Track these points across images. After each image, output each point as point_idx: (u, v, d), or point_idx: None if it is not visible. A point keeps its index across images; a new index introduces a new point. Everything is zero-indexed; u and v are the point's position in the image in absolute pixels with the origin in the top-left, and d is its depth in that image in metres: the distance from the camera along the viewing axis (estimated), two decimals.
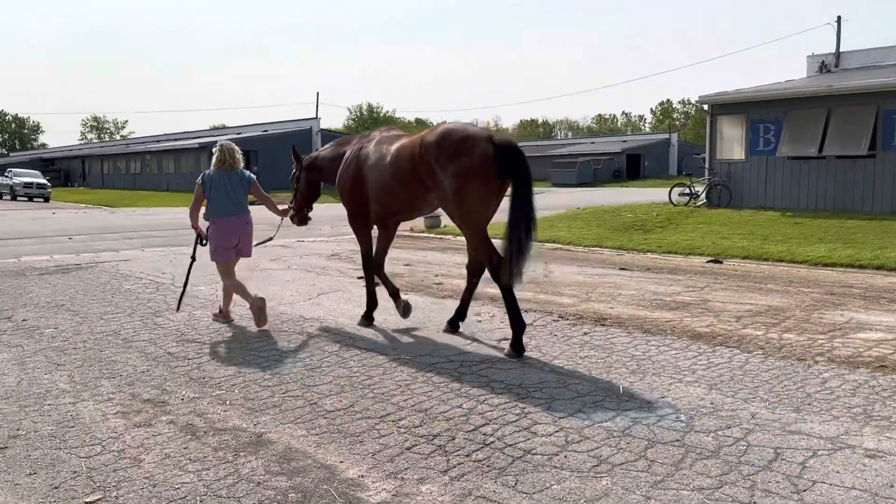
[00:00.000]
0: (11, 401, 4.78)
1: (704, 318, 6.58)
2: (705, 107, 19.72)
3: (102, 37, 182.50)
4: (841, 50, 23.73)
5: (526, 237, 5.50)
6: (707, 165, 19.57)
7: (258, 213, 7.59)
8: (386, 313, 7.11)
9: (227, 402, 4.65)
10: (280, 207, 7.38)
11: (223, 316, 7.06)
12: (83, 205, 36.40)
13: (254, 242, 7.11)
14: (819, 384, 4.68)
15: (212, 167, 6.96)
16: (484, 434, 3.93)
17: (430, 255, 12.16)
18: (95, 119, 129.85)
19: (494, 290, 8.38)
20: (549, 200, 32.97)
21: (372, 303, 6.82)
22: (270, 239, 7.71)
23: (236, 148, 7.07)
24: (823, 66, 22.40)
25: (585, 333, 6.09)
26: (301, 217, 7.66)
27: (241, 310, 7.26)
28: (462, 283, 8.75)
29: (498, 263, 5.69)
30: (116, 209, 30.52)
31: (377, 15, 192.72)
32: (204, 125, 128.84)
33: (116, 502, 3.31)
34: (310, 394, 4.76)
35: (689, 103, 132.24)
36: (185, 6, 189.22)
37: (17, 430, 4.25)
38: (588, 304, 7.38)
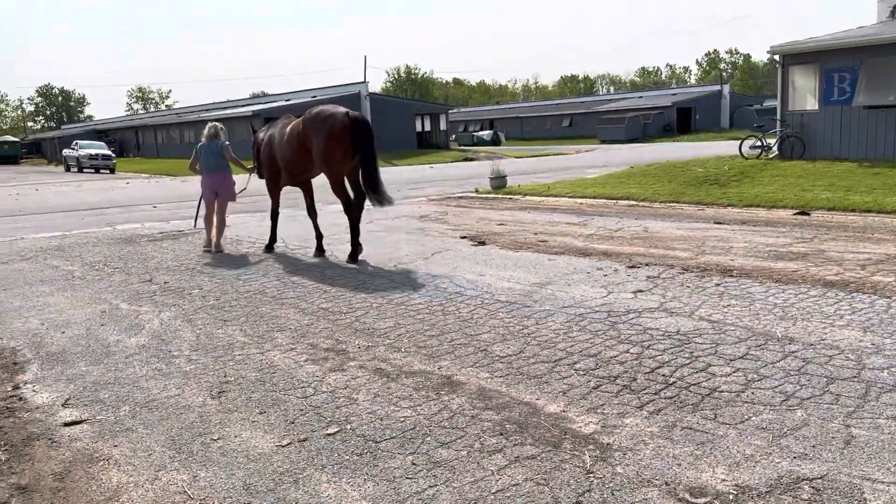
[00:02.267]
0: (202, 352, 5.26)
1: (830, 268, 6.75)
2: (776, 57, 19.31)
3: (142, 6, 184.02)
4: None
5: (375, 178, 8.11)
6: (779, 117, 19.27)
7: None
8: (518, 269, 7.46)
9: (403, 350, 5.04)
10: (248, 166, 10.08)
11: (215, 247, 9.60)
12: (145, 174, 37.44)
13: (237, 189, 9.90)
14: None
15: (203, 139, 9.86)
16: (663, 375, 4.25)
17: (517, 215, 12.44)
18: (140, 90, 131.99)
19: (605, 245, 8.64)
20: (605, 157, 32.80)
21: (272, 239, 9.63)
22: (244, 189, 10.25)
23: (220, 126, 10.02)
24: None
25: (717, 284, 6.33)
26: (260, 175, 10.04)
27: (371, 261, 7.65)
28: (563, 240, 9.06)
29: (348, 203, 8.38)
30: (186, 178, 31.31)
31: None
32: (245, 93, 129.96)
33: (354, 433, 3.72)
34: (476, 342, 5.12)
35: (737, 53, 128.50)
36: None
37: (225, 377, 4.71)
38: (705, 256, 7.60)
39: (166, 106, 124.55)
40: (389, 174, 23.49)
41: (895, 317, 5.11)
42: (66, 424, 4.07)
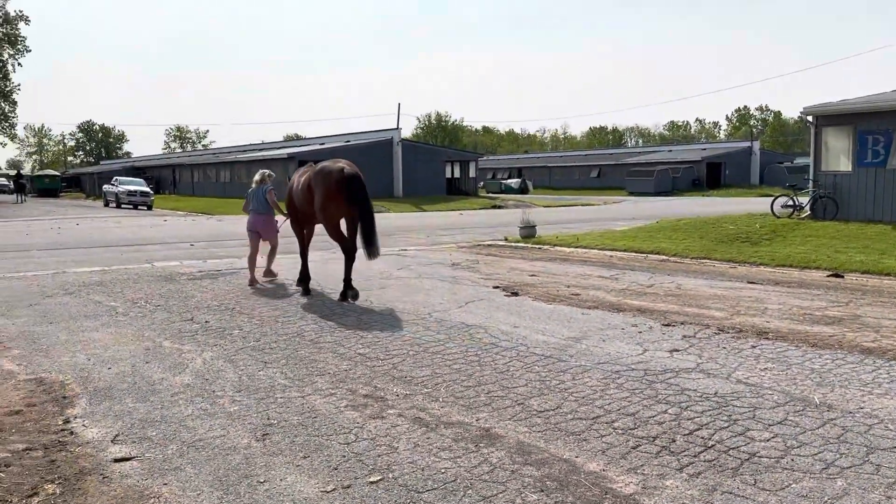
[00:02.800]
0: (245, 393, 5.39)
1: (866, 334, 6.74)
2: (809, 118, 19.43)
3: (184, 49, 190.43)
4: None
5: (369, 229, 8.86)
6: (811, 177, 19.28)
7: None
8: (552, 322, 7.54)
9: (440, 400, 5.13)
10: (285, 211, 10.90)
11: (265, 273, 11.10)
12: (181, 212, 38.27)
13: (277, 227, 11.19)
14: None
15: (253, 185, 11.17)
16: (702, 437, 4.28)
17: (548, 266, 12.53)
18: (178, 129, 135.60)
19: (638, 301, 8.67)
20: (634, 209, 32.86)
21: (305, 279, 10.11)
22: (277, 232, 11.33)
23: (268, 172, 11.30)
24: None
25: (753, 347, 6.35)
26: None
27: (415, 316, 7.78)
28: (595, 294, 9.13)
29: (346, 246, 9.20)
30: (221, 217, 31.98)
31: (447, 21, 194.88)
32: (278, 135, 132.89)
33: (396, 483, 3.80)
34: (513, 395, 5.19)
35: (767, 110, 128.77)
36: (258, 19, 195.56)
37: (268, 419, 4.83)
38: (740, 317, 7.62)
39: (203, 145, 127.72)
40: (420, 219, 23.86)
41: None
42: (117, 460, 4.21)
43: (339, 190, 8.91)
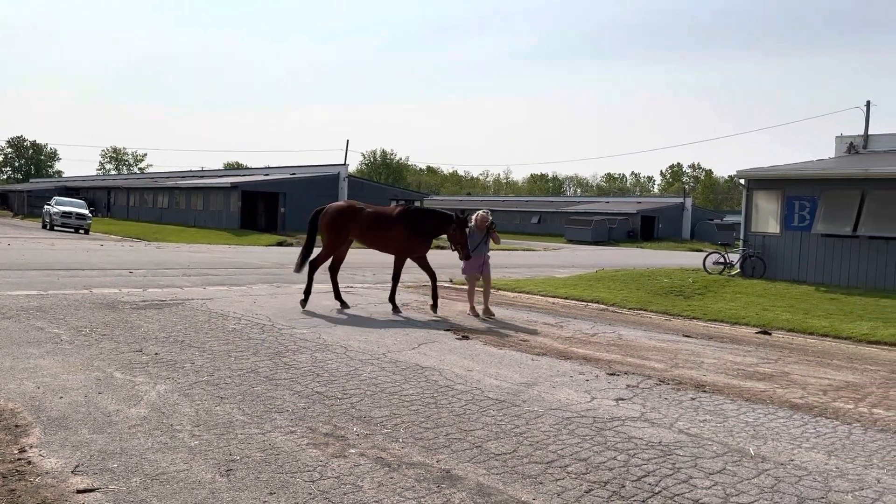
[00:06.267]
0: (204, 428, 5.42)
1: (794, 390, 7.24)
2: (742, 180, 20.62)
3: (128, 75, 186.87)
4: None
5: (305, 250, 12.49)
6: (742, 237, 20.37)
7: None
8: (504, 367, 7.79)
9: (400, 440, 5.28)
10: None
11: (484, 312, 12.18)
12: (115, 236, 37.24)
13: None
14: None
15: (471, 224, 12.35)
16: (649, 484, 4.57)
17: (495, 310, 12.84)
18: (115, 150, 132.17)
19: (583, 350, 8.98)
20: (573, 257, 33.74)
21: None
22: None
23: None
24: (852, 147, 23.40)
25: (693, 399, 6.75)
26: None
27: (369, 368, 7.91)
28: (543, 341, 9.45)
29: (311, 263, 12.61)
30: (160, 244, 31.27)
31: (395, 66, 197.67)
32: (218, 164, 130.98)
33: None
34: (470, 437, 5.39)
35: (699, 168, 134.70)
36: (207, 50, 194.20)
37: (231, 455, 4.88)
38: (678, 369, 8.06)
39: (139, 169, 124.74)
40: (366, 256, 23.90)
41: (856, 443, 5.56)
42: (80, 492, 4.20)
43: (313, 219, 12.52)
